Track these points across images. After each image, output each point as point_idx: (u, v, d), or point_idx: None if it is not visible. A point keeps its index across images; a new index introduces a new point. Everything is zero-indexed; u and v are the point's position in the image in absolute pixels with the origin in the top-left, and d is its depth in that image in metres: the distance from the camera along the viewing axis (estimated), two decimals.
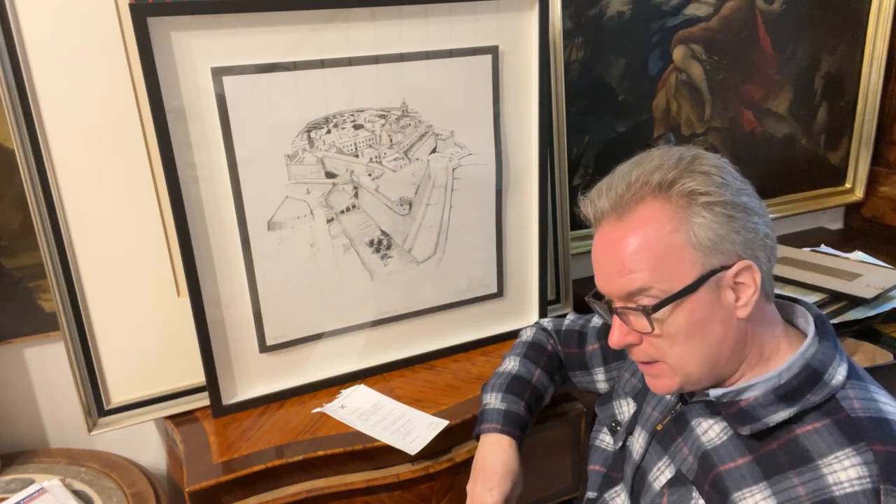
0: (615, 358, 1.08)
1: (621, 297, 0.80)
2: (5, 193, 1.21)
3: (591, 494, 1.00)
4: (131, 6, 1.01)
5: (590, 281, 0.85)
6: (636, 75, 1.67)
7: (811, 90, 1.90)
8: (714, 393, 0.81)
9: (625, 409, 0.99)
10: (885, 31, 1.87)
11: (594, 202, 0.82)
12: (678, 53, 1.70)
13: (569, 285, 1.54)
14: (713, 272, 0.76)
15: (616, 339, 0.82)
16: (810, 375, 0.77)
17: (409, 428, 1.16)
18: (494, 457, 1.01)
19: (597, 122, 1.67)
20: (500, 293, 1.43)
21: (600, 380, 1.12)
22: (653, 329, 0.78)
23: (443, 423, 1.16)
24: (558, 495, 1.36)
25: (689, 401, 0.86)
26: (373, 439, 1.14)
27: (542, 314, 1.46)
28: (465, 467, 1.19)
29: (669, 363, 0.81)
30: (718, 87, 1.78)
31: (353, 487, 1.13)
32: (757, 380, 0.79)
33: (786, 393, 0.77)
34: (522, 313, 1.47)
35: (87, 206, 1.14)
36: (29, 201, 1.09)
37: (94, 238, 1.16)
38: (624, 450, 0.95)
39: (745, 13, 1.74)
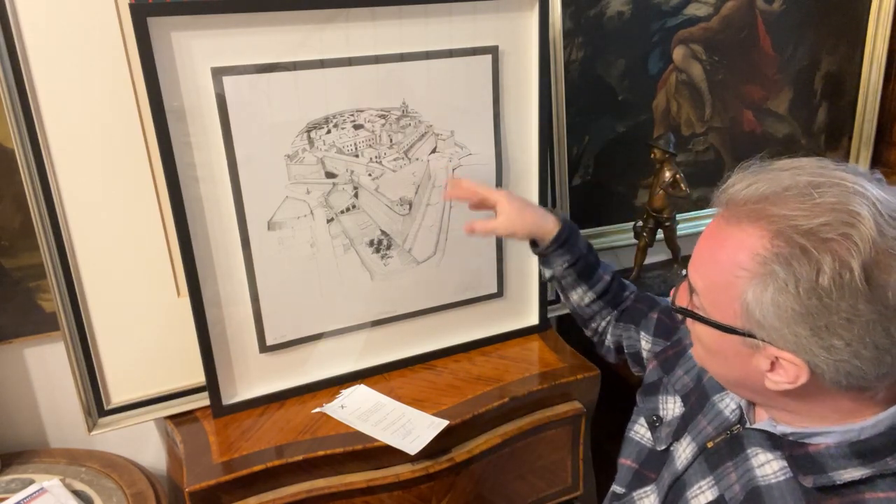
0: (662, 335, 1.06)
1: (689, 273, 0.77)
2: (5, 193, 1.21)
3: (618, 489, 0.96)
4: (131, 6, 1.01)
5: None
6: (636, 75, 1.67)
7: (811, 90, 1.90)
8: (781, 429, 0.74)
9: (670, 406, 0.94)
10: (885, 31, 1.87)
11: (731, 187, 0.72)
12: (678, 53, 1.70)
13: None
14: (753, 336, 0.69)
15: (672, 294, 0.82)
16: None
17: (409, 428, 1.16)
18: None
19: (597, 122, 1.67)
20: (500, 293, 1.43)
21: (645, 346, 1.09)
22: (683, 321, 0.81)
23: (443, 423, 1.16)
24: (558, 495, 1.36)
25: (751, 425, 0.80)
26: (373, 439, 1.14)
27: (542, 314, 1.46)
28: (464, 467, 1.19)
29: (697, 349, 0.80)
30: (718, 87, 1.78)
31: (353, 487, 1.13)
32: (833, 428, 0.70)
33: (863, 451, 0.68)
34: (522, 313, 1.47)
35: (87, 207, 1.14)
36: (29, 201, 1.09)
37: (94, 238, 1.16)
38: (667, 453, 0.90)
39: (745, 13, 1.74)
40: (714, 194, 0.74)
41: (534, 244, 1.18)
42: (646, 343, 1.09)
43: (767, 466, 0.75)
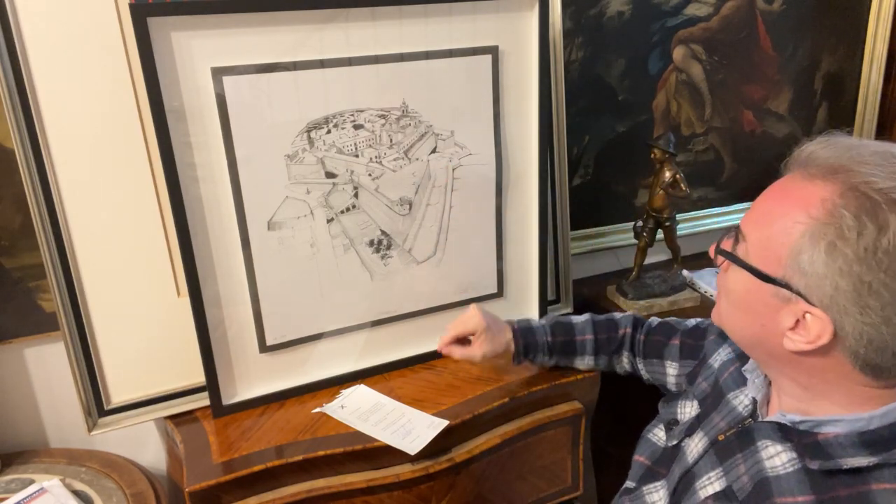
0: (689, 356, 1.08)
1: (741, 224, 0.79)
2: (5, 193, 1.21)
3: (629, 484, 0.98)
4: (131, 6, 1.01)
5: (589, 281, 0.85)
6: (636, 75, 1.67)
7: (811, 90, 1.90)
8: (791, 417, 0.76)
9: (687, 409, 0.97)
10: (885, 31, 1.87)
11: (812, 147, 0.75)
12: (678, 53, 1.70)
13: (569, 285, 1.54)
14: (789, 288, 0.70)
15: (712, 247, 0.83)
16: None
17: (409, 428, 1.16)
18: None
19: (597, 122, 1.67)
20: (500, 293, 1.43)
21: (671, 373, 1.12)
22: (718, 265, 0.81)
23: (443, 423, 1.16)
24: (558, 495, 1.36)
25: (762, 419, 0.83)
26: (373, 439, 1.14)
27: (542, 314, 1.46)
28: (464, 467, 1.19)
29: (717, 304, 0.83)
30: (718, 87, 1.78)
31: (353, 487, 1.13)
32: (843, 416, 0.72)
33: (872, 440, 0.70)
34: (522, 313, 1.47)
35: (87, 206, 1.14)
36: (29, 201, 1.09)
37: (94, 238, 1.15)
38: (677, 449, 0.92)
39: (745, 13, 1.74)
40: (790, 156, 0.77)
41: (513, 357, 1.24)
42: (672, 370, 1.12)
43: (777, 458, 0.76)
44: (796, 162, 0.75)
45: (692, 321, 1.14)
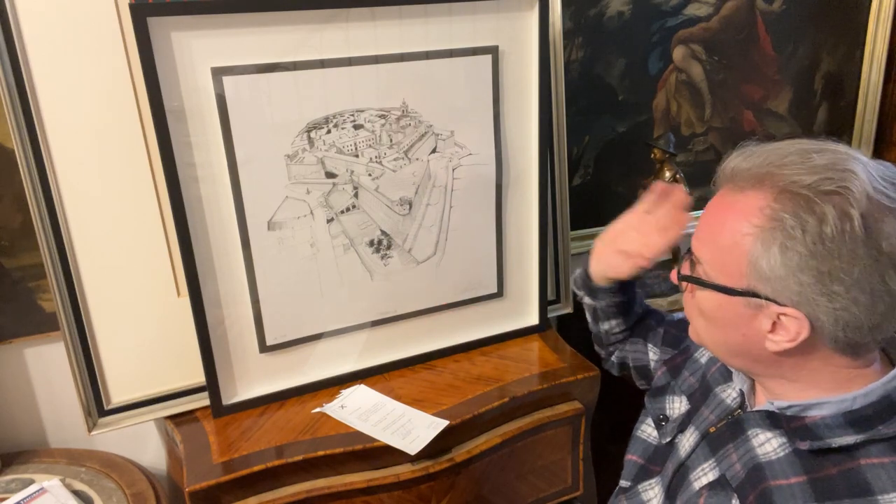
0: (669, 344, 1.10)
1: (692, 247, 0.82)
2: (5, 193, 1.21)
3: (624, 483, 1.00)
4: (131, 6, 1.01)
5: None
6: (636, 75, 1.67)
7: (811, 90, 1.90)
8: (778, 404, 0.79)
9: (676, 405, 0.99)
10: (885, 31, 1.87)
11: (732, 161, 0.77)
12: (678, 53, 1.70)
13: (569, 285, 1.54)
14: (757, 295, 0.73)
15: (673, 273, 0.85)
16: (887, 407, 0.73)
17: (409, 428, 1.16)
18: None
19: (597, 122, 1.67)
20: (500, 293, 1.43)
21: (653, 358, 1.13)
22: (683, 290, 0.83)
23: (443, 423, 1.16)
24: (558, 495, 1.36)
25: (751, 409, 0.85)
26: (373, 439, 1.14)
27: (542, 314, 1.46)
28: (464, 467, 1.19)
29: (692, 325, 0.85)
30: (718, 87, 1.78)
31: (353, 487, 1.13)
32: (828, 399, 0.75)
33: (856, 419, 0.73)
34: (522, 313, 1.47)
35: (87, 207, 1.14)
36: (29, 201, 1.09)
37: (94, 238, 1.16)
38: (671, 446, 0.94)
39: (745, 13, 1.74)
40: (716, 174, 0.79)
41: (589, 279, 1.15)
42: (653, 354, 1.13)
43: (768, 444, 0.79)
44: (723, 178, 0.78)
45: (679, 314, 1.15)
